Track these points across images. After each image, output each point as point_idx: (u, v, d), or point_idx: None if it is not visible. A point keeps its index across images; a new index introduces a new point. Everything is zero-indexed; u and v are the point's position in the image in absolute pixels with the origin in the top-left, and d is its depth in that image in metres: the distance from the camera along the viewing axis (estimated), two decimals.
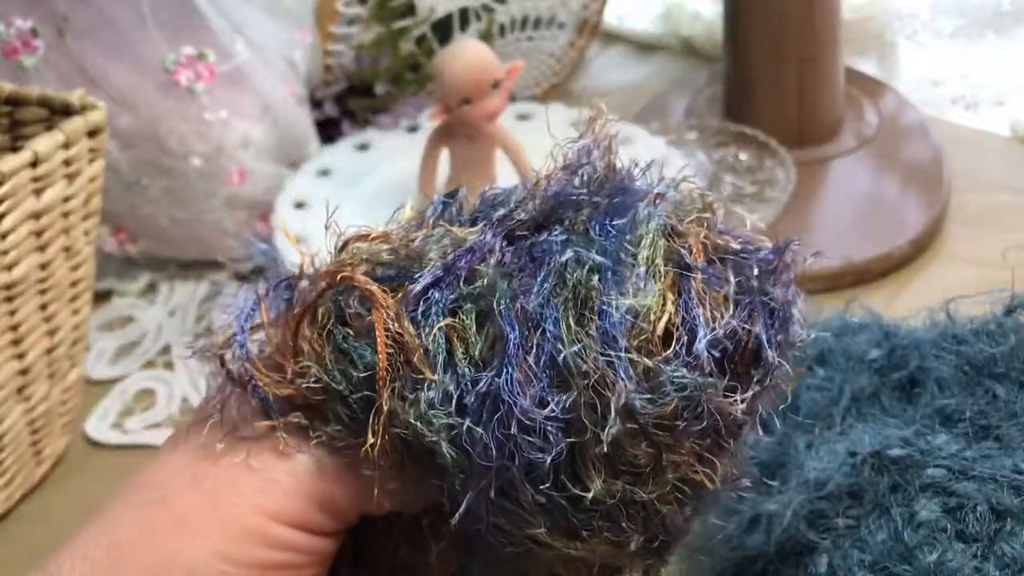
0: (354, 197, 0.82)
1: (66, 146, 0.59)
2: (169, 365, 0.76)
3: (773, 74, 0.86)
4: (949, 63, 0.99)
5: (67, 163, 0.60)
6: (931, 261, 0.79)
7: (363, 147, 0.86)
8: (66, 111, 0.62)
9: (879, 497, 0.46)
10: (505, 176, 0.77)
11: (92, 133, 0.61)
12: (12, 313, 0.60)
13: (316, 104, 0.86)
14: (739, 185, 0.83)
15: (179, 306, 0.81)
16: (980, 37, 0.99)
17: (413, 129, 0.87)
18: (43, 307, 0.62)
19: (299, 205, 0.80)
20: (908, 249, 0.78)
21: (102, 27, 0.73)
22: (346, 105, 0.87)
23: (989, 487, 0.45)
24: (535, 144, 0.84)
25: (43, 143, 0.58)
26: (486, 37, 0.91)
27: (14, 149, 0.63)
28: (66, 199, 0.61)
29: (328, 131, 0.87)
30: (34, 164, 0.57)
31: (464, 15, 0.90)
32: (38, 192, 0.58)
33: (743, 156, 0.86)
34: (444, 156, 0.76)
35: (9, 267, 0.58)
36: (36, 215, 0.59)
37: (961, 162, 0.87)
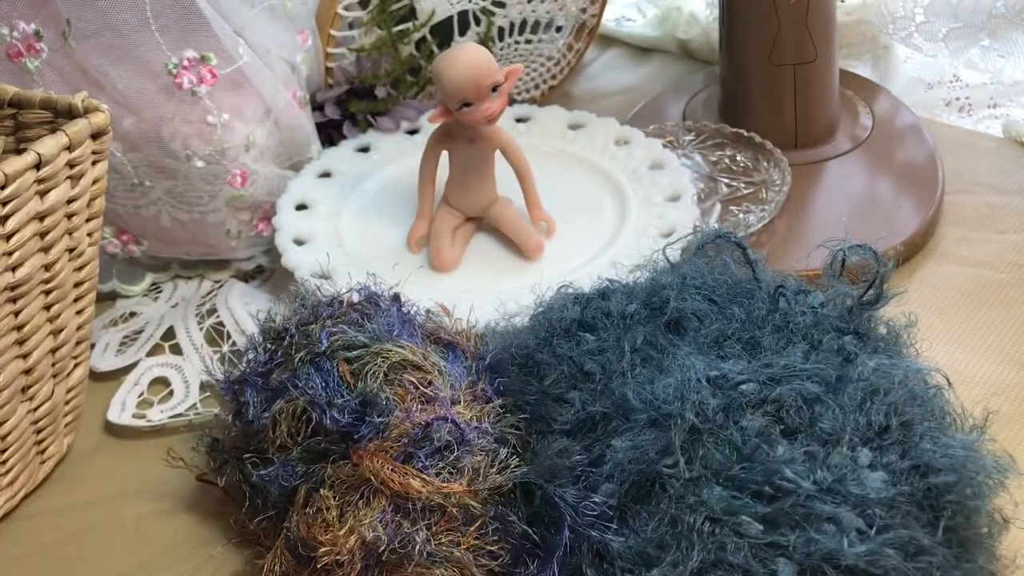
0: (355, 199, 0.83)
1: (70, 148, 0.59)
2: (176, 349, 0.77)
3: (769, 77, 0.86)
4: (943, 66, 1.00)
5: (71, 165, 0.60)
6: (925, 261, 0.80)
7: (364, 149, 0.87)
8: (70, 113, 0.62)
9: (714, 420, 0.51)
10: (504, 177, 0.77)
11: (96, 135, 0.61)
12: (17, 313, 0.60)
13: (317, 107, 0.87)
14: (735, 186, 0.84)
15: (182, 300, 0.81)
16: (974, 40, 0.99)
17: (413, 131, 0.88)
18: (47, 307, 0.63)
19: (301, 207, 0.81)
20: (902, 249, 0.79)
21: (105, 30, 0.73)
22: (347, 108, 0.87)
23: (793, 384, 0.52)
24: (534, 146, 0.85)
25: (47, 145, 0.58)
26: (485, 40, 0.92)
27: (19, 151, 0.63)
28: (70, 200, 0.61)
29: (329, 133, 0.88)
30: (38, 166, 0.57)
31: (463, 19, 0.91)
32: (42, 194, 0.59)
33: (740, 157, 0.87)
34: (444, 158, 0.77)
35: (14, 268, 0.59)
36: (40, 216, 0.59)
37: (955, 164, 0.88)
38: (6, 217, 0.57)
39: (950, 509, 0.49)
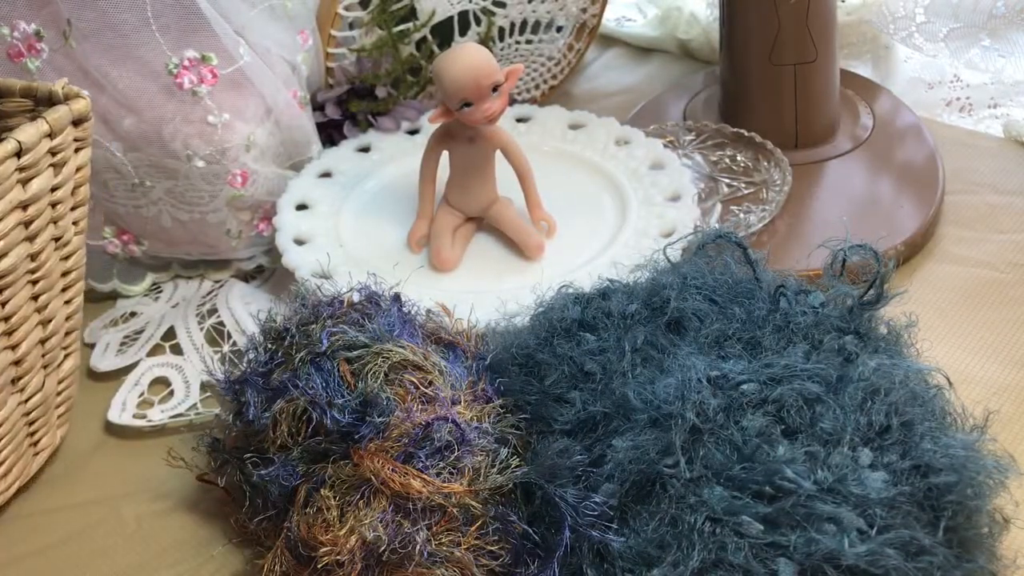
0: (355, 199, 0.83)
1: (51, 135, 0.59)
2: (176, 349, 0.77)
3: (769, 77, 0.86)
4: (943, 66, 1.00)
5: (53, 153, 0.59)
6: (925, 261, 0.80)
7: (364, 149, 0.87)
8: (50, 101, 0.62)
9: (715, 420, 0.51)
10: (504, 177, 0.77)
11: (77, 122, 0.61)
12: (4, 304, 0.60)
13: (318, 107, 0.87)
14: (736, 186, 0.84)
15: (182, 300, 0.81)
16: (974, 40, 0.99)
17: (414, 131, 0.88)
18: (35, 297, 0.62)
19: (301, 207, 0.81)
20: (903, 249, 0.79)
21: (106, 30, 0.73)
22: (347, 108, 0.87)
23: (794, 384, 0.52)
24: (534, 146, 0.85)
25: (27, 132, 0.57)
26: (485, 40, 0.92)
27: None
28: (53, 189, 0.60)
29: (330, 133, 0.88)
30: (18, 154, 0.57)
31: (464, 19, 0.91)
32: (24, 182, 0.58)
33: (740, 157, 0.87)
34: (444, 158, 0.77)
35: None
36: (23, 205, 0.58)
37: (955, 163, 0.88)
38: None
39: (951, 509, 0.49)
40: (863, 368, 0.53)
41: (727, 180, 0.85)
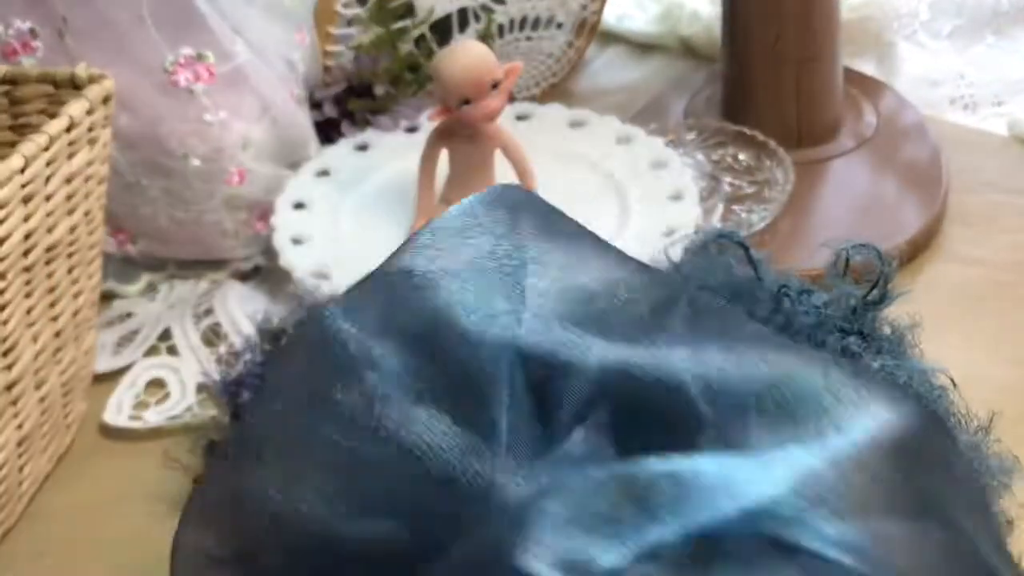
0: (354, 198, 0.82)
1: (90, 112, 0.61)
2: (172, 350, 0.76)
3: (772, 74, 0.86)
4: (947, 63, 0.99)
5: (90, 128, 0.62)
6: (929, 261, 0.80)
7: (362, 148, 0.86)
8: (71, 84, 0.64)
9: None
10: (504, 176, 0.77)
11: (105, 100, 0.64)
12: (50, 275, 0.62)
13: (315, 105, 0.87)
14: (738, 185, 0.84)
15: (179, 301, 0.81)
16: (979, 37, 0.99)
17: (412, 130, 0.88)
18: (70, 270, 0.64)
19: (298, 206, 0.81)
20: (906, 249, 0.78)
21: (101, 28, 0.73)
22: (345, 106, 0.87)
23: None
24: (534, 144, 0.85)
25: (75, 108, 0.60)
26: (485, 37, 0.92)
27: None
28: (88, 163, 0.63)
29: (327, 132, 0.87)
30: (69, 128, 0.60)
31: (463, 16, 0.91)
32: (70, 156, 0.61)
33: (742, 156, 0.86)
34: (443, 156, 0.77)
35: (50, 229, 0.60)
36: (69, 178, 0.61)
37: (959, 162, 0.88)
38: (48, 178, 0.59)
39: None
40: None
41: (729, 179, 0.84)
